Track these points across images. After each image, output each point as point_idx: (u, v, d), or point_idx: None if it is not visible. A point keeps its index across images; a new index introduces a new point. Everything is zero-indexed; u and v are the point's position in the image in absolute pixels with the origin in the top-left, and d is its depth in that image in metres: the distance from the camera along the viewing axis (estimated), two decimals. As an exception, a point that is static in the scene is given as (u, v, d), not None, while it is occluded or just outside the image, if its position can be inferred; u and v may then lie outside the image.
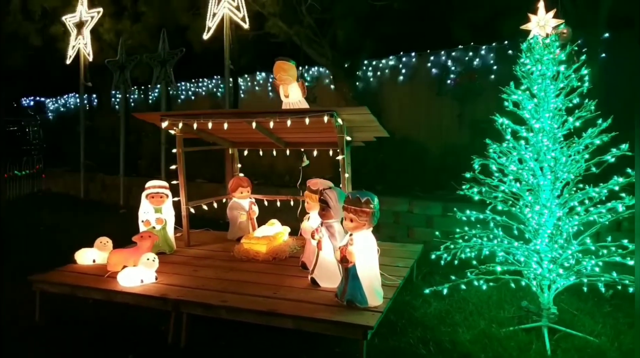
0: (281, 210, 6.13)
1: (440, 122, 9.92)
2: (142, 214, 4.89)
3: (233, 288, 3.87)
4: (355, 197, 3.45)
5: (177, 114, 4.89)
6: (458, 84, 9.78)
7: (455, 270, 4.80)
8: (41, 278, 4.17)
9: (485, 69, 9.51)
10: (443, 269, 5.21)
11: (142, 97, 15.09)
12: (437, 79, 9.97)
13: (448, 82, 9.86)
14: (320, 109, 4.23)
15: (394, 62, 10.62)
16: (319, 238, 3.86)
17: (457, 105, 9.77)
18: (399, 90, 10.42)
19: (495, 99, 9.24)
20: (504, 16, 9.20)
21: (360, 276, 3.44)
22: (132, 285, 3.94)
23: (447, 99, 9.83)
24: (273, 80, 5.31)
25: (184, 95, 14.02)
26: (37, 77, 15.84)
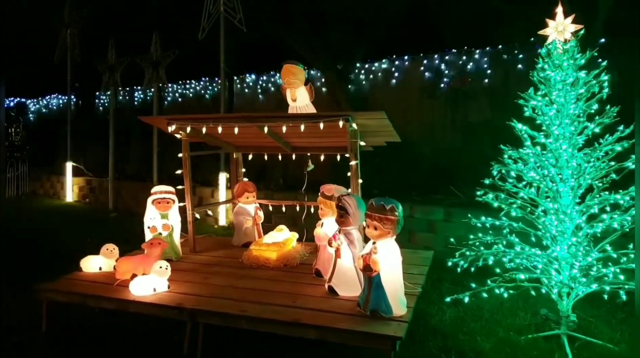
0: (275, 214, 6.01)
1: (434, 126, 9.93)
2: (148, 220, 4.76)
3: (250, 297, 3.78)
4: (379, 204, 3.39)
5: (185, 118, 4.78)
6: (451, 88, 9.81)
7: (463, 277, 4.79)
8: (49, 287, 4.03)
9: (479, 73, 9.56)
10: (451, 276, 5.20)
11: (127, 99, 14.87)
12: (430, 83, 9.99)
13: (441, 86, 9.88)
14: (336, 113, 4.16)
15: (387, 65, 10.62)
16: (337, 245, 3.78)
17: (450, 109, 9.80)
18: (391, 93, 10.42)
19: (489, 103, 9.40)
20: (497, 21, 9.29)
21: (385, 285, 3.37)
22: (145, 294, 3.82)
23: (440, 103, 9.86)
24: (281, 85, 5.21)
25: (171, 97, 13.85)
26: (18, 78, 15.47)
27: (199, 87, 13.51)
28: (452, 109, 9.77)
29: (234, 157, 5.76)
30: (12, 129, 15.73)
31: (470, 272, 4.20)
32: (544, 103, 3.98)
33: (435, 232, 6.62)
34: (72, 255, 5.97)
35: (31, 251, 6.81)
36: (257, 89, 12.34)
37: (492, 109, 9.29)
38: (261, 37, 10.43)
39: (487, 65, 9.49)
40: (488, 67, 9.45)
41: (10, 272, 5.73)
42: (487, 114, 9.37)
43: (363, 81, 10.85)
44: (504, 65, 9.29)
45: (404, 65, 10.44)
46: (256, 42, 10.88)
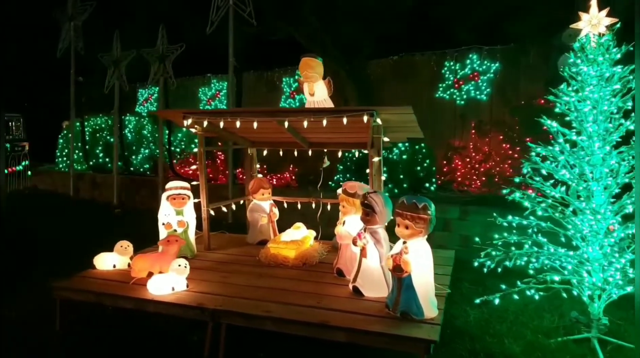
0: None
1: (442, 123, 9.83)
2: (162, 217, 4.64)
3: (273, 297, 3.65)
4: (411, 202, 3.26)
5: (201, 112, 4.65)
6: (461, 85, 9.71)
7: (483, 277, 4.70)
8: (64, 285, 3.90)
9: (489, 70, 9.45)
10: (470, 275, 5.10)
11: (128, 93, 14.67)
12: (439, 79, 9.89)
13: (450, 83, 9.78)
14: (360, 108, 4.02)
15: (396, 61, 10.49)
16: (362, 244, 3.65)
17: (460, 106, 9.70)
18: (400, 89, 10.30)
19: (500, 100, 9.29)
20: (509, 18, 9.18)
21: (416, 286, 3.25)
22: (163, 293, 3.69)
23: (450, 99, 9.76)
24: (299, 79, 5.07)
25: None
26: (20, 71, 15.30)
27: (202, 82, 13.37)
28: (462, 105, 9.67)
29: (248, 152, 5.61)
30: (12, 123, 15.58)
31: (489, 272, 4.10)
32: (577, 99, 3.85)
33: (450, 230, 6.51)
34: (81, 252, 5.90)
35: (38, 247, 6.67)
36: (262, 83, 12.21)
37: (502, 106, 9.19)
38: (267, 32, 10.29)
39: (497, 62, 9.37)
40: (499, 64, 9.33)
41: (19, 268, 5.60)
42: (497, 111, 9.29)
43: (371, 77, 10.73)
44: (514, 63, 9.18)
45: (413, 61, 10.32)
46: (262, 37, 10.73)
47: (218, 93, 13.21)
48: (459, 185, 8.53)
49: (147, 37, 11.42)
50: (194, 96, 13.52)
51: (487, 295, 4.75)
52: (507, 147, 8.52)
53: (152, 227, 7.65)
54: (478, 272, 5.37)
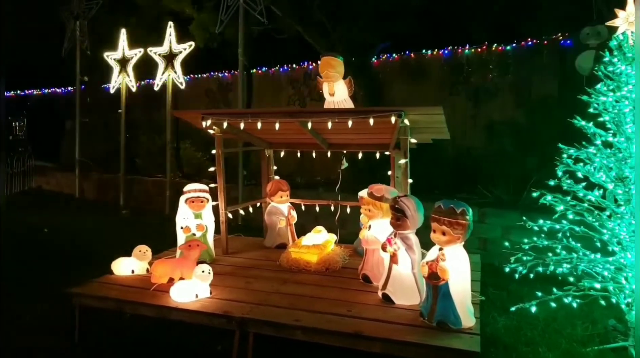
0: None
1: (453, 123, 9.67)
2: (181, 220, 4.50)
3: (300, 305, 3.52)
4: (449, 207, 3.13)
5: (221, 113, 4.51)
6: (472, 84, 9.57)
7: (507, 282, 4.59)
8: (82, 292, 3.76)
9: (501, 69, 9.31)
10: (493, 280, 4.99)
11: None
12: (450, 78, 9.74)
13: (461, 82, 9.64)
14: (387, 108, 3.89)
15: (404, 59, 10.35)
16: (393, 250, 3.52)
17: (471, 106, 9.57)
18: (408, 88, 10.16)
19: (511, 100, 9.16)
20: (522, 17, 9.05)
21: (453, 294, 3.12)
22: (187, 301, 3.55)
23: (461, 99, 9.62)
24: (317, 77, 4.94)
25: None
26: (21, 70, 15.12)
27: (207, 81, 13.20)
28: (473, 105, 9.54)
29: (265, 154, 5.48)
30: (15, 123, 15.44)
31: (510, 277, 3.99)
32: (614, 99, 3.72)
33: (468, 233, 6.37)
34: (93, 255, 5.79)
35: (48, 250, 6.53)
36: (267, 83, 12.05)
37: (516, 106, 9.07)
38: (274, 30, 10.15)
39: (510, 61, 9.23)
40: (511, 62, 9.19)
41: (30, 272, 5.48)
42: (509, 111, 9.16)
43: (379, 75, 10.59)
44: (528, 61, 9.04)
45: (422, 60, 10.18)
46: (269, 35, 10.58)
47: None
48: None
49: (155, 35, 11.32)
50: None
51: (512, 300, 4.66)
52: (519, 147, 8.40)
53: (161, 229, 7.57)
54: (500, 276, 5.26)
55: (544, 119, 8.38)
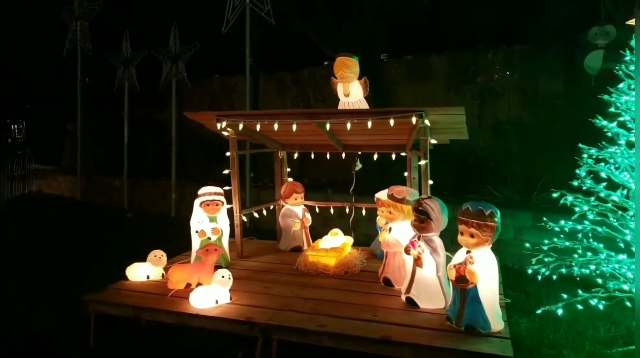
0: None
1: (460, 123, 9.63)
2: (196, 224, 4.42)
3: (323, 310, 3.46)
4: (477, 209, 3.08)
5: (236, 114, 4.44)
6: (477, 84, 9.53)
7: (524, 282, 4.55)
8: (98, 299, 3.69)
9: (507, 69, 9.28)
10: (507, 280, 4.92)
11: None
12: (455, 79, 9.70)
13: (467, 82, 9.59)
14: (408, 109, 3.83)
15: (410, 60, 10.30)
16: (417, 253, 3.46)
17: (477, 106, 9.52)
18: (414, 88, 10.11)
19: (517, 100, 9.12)
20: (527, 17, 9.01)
21: (482, 298, 3.07)
22: (207, 307, 3.50)
23: (467, 99, 9.57)
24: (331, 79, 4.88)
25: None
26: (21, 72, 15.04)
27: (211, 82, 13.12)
28: (479, 105, 9.50)
29: (278, 156, 5.41)
30: (15, 125, 15.33)
31: (529, 278, 3.94)
32: (638, 99, 3.67)
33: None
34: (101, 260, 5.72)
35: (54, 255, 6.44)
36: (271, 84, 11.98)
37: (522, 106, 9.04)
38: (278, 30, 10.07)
39: (515, 62, 9.19)
40: (516, 63, 9.15)
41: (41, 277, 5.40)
42: (515, 111, 9.13)
43: (385, 76, 10.54)
44: (534, 61, 9.01)
45: (428, 60, 10.13)
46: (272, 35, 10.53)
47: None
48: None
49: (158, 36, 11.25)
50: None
51: (531, 301, 4.61)
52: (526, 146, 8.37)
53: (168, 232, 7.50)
54: (516, 277, 5.24)
55: (550, 119, 8.35)
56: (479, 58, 9.46)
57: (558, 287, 4.59)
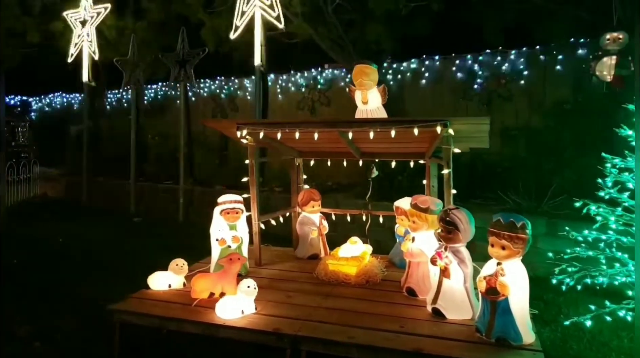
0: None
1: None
2: (216, 232, 4.40)
3: (350, 321, 3.44)
4: (508, 220, 3.07)
5: (256, 123, 4.44)
6: (485, 89, 9.53)
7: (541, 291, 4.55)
8: (123, 308, 3.66)
9: (515, 74, 9.28)
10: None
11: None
12: (463, 83, 9.70)
13: (474, 87, 9.59)
14: (433, 118, 3.82)
15: (417, 65, 10.31)
16: (445, 264, 3.45)
17: (484, 111, 9.53)
18: (421, 93, 10.11)
19: (525, 105, 9.12)
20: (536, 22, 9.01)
21: (514, 310, 3.06)
22: (233, 317, 3.47)
23: (473, 104, 9.58)
24: (349, 86, 4.87)
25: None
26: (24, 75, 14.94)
27: (214, 86, 13.09)
28: (486, 110, 9.50)
29: (295, 163, 5.40)
30: (18, 128, 15.24)
31: (547, 286, 3.93)
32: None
33: (494, 240, 6.31)
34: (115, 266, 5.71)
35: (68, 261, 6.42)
36: (276, 87, 11.98)
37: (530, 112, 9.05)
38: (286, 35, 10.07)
39: (523, 66, 9.19)
40: (524, 68, 9.15)
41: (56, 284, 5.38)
42: (524, 116, 9.14)
43: (391, 81, 10.53)
44: (541, 67, 9.02)
45: (435, 65, 10.14)
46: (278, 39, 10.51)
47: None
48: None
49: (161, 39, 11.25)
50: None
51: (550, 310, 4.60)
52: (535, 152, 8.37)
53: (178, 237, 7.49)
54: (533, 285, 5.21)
55: (559, 125, 8.35)
56: (486, 62, 9.46)
57: (576, 295, 4.60)
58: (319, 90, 11.13)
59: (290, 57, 11.71)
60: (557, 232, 5.79)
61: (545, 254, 5.02)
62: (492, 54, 9.46)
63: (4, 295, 5.01)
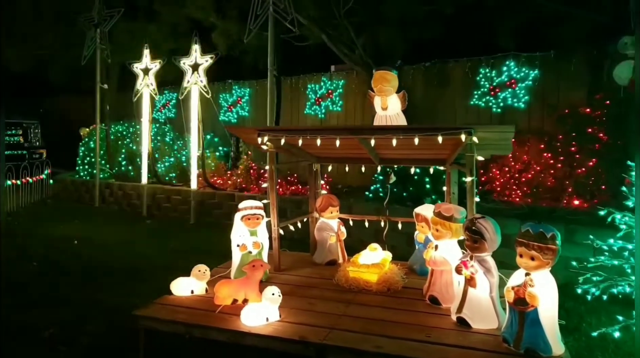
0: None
1: (477, 132, 9.59)
2: (237, 238, 4.40)
3: (376, 330, 3.43)
4: (538, 231, 3.05)
5: (277, 130, 4.43)
6: (497, 92, 9.50)
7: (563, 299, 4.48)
8: (149, 314, 3.67)
9: (528, 77, 9.25)
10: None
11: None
12: (474, 86, 9.67)
13: (486, 90, 9.56)
14: (457, 127, 3.81)
15: (428, 67, 10.29)
16: (471, 274, 3.43)
17: (497, 114, 9.50)
18: (433, 96, 10.09)
19: (539, 108, 9.08)
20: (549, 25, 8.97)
21: (543, 321, 3.04)
22: (258, 325, 3.47)
23: (486, 107, 9.55)
24: (368, 92, 4.87)
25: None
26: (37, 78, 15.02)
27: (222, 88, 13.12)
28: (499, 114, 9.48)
29: (313, 168, 5.39)
30: (31, 130, 15.33)
31: (566, 293, 3.89)
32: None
33: (510, 246, 6.24)
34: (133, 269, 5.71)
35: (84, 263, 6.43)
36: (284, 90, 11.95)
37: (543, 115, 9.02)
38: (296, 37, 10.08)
39: (536, 70, 9.15)
40: (537, 71, 9.11)
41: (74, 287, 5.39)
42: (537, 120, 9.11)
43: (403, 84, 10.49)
44: (554, 70, 8.98)
45: (446, 68, 10.12)
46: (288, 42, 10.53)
47: (240, 99, 12.96)
48: (498, 195, 8.32)
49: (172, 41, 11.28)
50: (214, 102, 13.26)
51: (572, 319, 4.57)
52: (548, 157, 8.34)
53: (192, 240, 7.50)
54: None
55: (572, 128, 8.31)
56: (498, 65, 9.43)
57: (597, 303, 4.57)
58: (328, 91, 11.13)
59: (299, 59, 11.73)
60: (575, 238, 5.76)
61: (563, 261, 4.99)
62: (504, 57, 9.42)
63: (26, 298, 5.02)
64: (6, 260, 6.22)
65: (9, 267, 6.01)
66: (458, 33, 9.99)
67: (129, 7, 11.55)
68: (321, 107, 11.50)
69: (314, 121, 11.39)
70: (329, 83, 11.33)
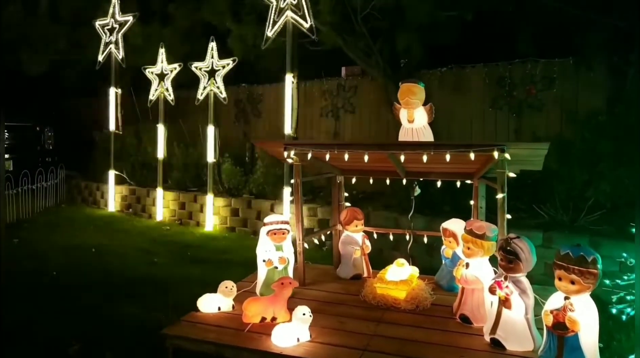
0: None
1: (495, 138, 9.53)
2: (263, 253, 4.37)
3: (410, 351, 3.39)
4: (578, 255, 2.99)
5: (304, 144, 4.39)
6: (515, 98, 9.41)
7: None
8: (177, 333, 3.64)
9: (546, 83, 9.14)
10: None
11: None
12: (492, 92, 9.58)
13: (504, 96, 9.47)
14: (489, 143, 3.75)
15: (444, 73, 10.20)
16: (506, 295, 3.38)
17: (514, 120, 9.41)
18: (449, 102, 9.99)
19: (557, 115, 8.98)
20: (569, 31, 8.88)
21: (583, 347, 2.98)
22: (289, 345, 3.43)
23: (503, 113, 9.46)
24: (394, 104, 4.83)
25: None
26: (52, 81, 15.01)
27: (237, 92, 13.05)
28: (517, 119, 9.39)
29: (337, 181, 5.34)
30: (44, 134, 15.35)
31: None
32: None
33: (537, 258, 6.22)
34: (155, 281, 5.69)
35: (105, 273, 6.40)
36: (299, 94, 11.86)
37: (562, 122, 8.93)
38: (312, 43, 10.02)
39: (555, 76, 9.05)
40: (556, 77, 9.01)
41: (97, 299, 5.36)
42: (555, 126, 9.01)
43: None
44: (574, 76, 8.88)
45: (463, 73, 10.03)
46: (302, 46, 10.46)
47: (254, 103, 12.93)
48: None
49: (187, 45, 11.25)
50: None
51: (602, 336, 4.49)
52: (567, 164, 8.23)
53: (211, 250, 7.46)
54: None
55: (593, 136, 8.21)
56: (516, 71, 9.34)
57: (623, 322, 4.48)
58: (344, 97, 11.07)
59: (314, 63, 11.66)
60: (600, 250, 5.68)
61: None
62: (523, 62, 9.32)
63: (50, 311, 5.00)
64: (25, 270, 6.25)
65: (28, 277, 6.00)
66: (475, 38, 9.90)
67: (144, 12, 11.54)
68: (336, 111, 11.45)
69: (328, 125, 11.34)
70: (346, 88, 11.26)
